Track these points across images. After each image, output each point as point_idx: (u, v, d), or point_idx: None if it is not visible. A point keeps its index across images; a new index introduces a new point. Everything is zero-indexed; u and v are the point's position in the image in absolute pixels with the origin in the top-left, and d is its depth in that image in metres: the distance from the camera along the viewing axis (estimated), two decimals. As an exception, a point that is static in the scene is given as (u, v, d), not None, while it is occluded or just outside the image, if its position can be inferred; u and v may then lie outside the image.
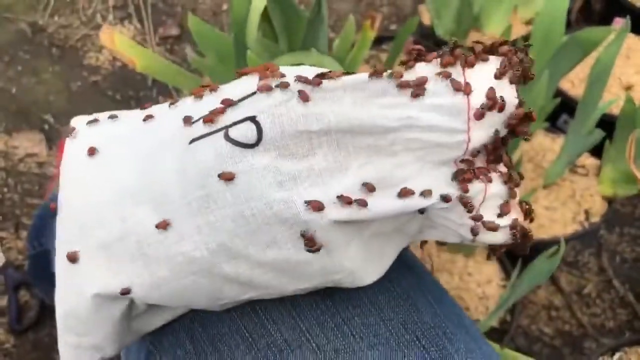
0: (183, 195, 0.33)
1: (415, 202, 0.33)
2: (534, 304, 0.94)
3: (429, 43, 1.06)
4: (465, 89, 0.33)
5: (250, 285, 0.34)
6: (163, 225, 0.33)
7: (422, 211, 0.34)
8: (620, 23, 1.03)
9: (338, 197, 0.32)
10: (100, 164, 0.36)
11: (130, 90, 1.22)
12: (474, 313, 0.75)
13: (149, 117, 0.37)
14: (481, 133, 0.33)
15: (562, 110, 0.96)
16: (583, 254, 1.00)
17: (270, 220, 0.32)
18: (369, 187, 0.33)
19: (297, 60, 0.68)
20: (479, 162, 0.35)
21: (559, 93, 0.97)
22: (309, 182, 0.32)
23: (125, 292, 0.34)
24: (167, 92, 1.22)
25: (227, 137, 0.33)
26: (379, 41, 1.10)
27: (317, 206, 0.32)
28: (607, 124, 0.83)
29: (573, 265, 0.99)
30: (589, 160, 0.89)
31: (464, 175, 0.33)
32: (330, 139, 0.33)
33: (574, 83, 0.99)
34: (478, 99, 0.33)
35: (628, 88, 0.97)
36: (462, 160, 0.34)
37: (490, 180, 0.35)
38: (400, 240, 0.37)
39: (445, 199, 0.33)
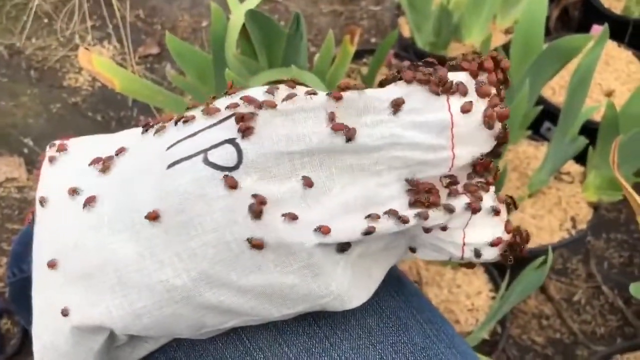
0: (162, 221, 0.32)
1: (390, 224, 0.32)
2: (524, 313, 0.94)
3: (410, 55, 1.06)
4: (448, 105, 0.32)
5: (234, 312, 0.33)
6: (140, 254, 0.32)
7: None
8: (598, 30, 1.04)
9: (316, 228, 0.31)
10: (78, 202, 0.35)
11: (111, 111, 1.21)
12: (464, 325, 0.74)
13: (121, 151, 0.36)
14: (466, 150, 0.33)
15: (545, 118, 0.97)
16: (571, 261, 1.00)
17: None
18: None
19: (277, 76, 0.68)
20: (464, 179, 0.34)
21: (540, 101, 0.97)
22: (292, 204, 0.31)
23: (105, 324, 0.32)
24: (148, 112, 1.21)
25: (206, 161, 0.32)
26: (359, 55, 1.10)
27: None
28: (590, 130, 0.83)
29: (562, 273, 0.98)
30: (573, 167, 0.89)
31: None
32: (312, 159, 0.32)
33: (556, 90, 1.00)
34: (462, 114, 0.32)
35: (609, 94, 0.98)
36: (447, 176, 0.34)
37: (479, 198, 0.34)
38: (388, 261, 0.36)
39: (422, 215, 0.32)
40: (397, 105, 0.32)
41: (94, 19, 1.37)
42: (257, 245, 0.31)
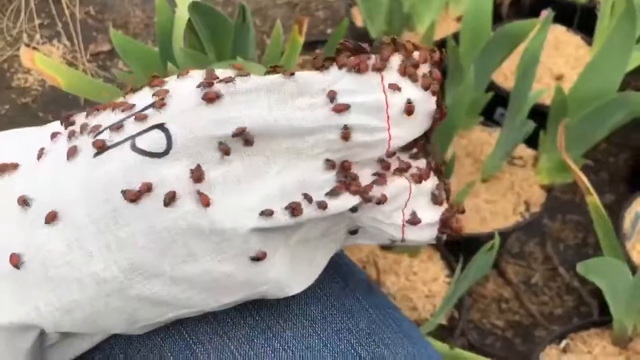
0: (89, 213, 0.31)
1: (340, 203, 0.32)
2: (484, 297, 0.95)
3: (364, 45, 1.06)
4: (383, 82, 0.32)
5: (169, 304, 0.32)
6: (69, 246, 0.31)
7: (353, 209, 0.33)
8: (546, 15, 1.06)
9: (261, 212, 0.31)
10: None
11: (63, 111, 1.18)
12: (422, 312, 0.74)
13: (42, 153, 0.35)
14: (402, 130, 0.33)
15: (497, 104, 0.98)
16: (528, 244, 1.01)
17: (185, 233, 0.30)
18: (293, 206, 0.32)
19: (225, 68, 0.67)
20: (398, 161, 0.34)
21: (492, 86, 0.98)
22: (225, 189, 0.31)
23: (34, 322, 0.31)
24: (101, 110, 1.18)
25: (134, 147, 0.31)
26: (313, 46, 1.10)
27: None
28: (541, 114, 0.84)
29: (519, 256, 1.00)
30: (525, 152, 0.90)
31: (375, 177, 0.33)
32: (245, 143, 0.31)
33: (507, 76, 1.01)
34: (397, 95, 0.32)
35: (558, 78, 0.99)
36: (381, 160, 0.34)
37: (418, 179, 0.34)
38: (329, 246, 0.36)
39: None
40: (332, 97, 0.32)
41: (42, 17, 1.34)
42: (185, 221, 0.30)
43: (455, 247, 0.78)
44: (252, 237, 0.31)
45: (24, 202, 0.32)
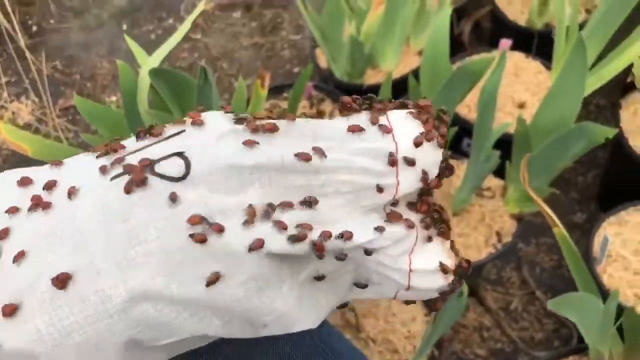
0: (104, 231, 0.31)
1: (334, 243, 0.33)
2: (465, 327, 0.96)
3: (329, 86, 1.08)
4: (394, 131, 0.34)
5: (173, 327, 0.31)
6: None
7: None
8: (506, 45, 1.08)
9: (275, 222, 0.32)
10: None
11: (35, 168, 1.18)
12: (403, 353, 0.75)
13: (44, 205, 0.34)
14: (410, 177, 0.34)
15: (464, 134, 0.99)
16: (505, 269, 1.03)
17: (198, 254, 0.30)
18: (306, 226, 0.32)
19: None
20: (404, 208, 0.35)
21: (456, 119, 1.00)
22: (239, 217, 0.31)
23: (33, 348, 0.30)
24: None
25: (152, 172, 0.31)
26: (279, 89, 1.11)
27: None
28: (507, 143, 0.86)
29: (497, 283, 1.01)
30: (493, 182, 0.92)
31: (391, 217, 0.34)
32: (262, 176, 0.32)
33: (471, 108, 1.03)
34: (405, 143, 0.34)
35: (521, 106, 1.01)
36: (388, 206, 0.34)
37: (425, 227, 0.35)
38: (334, 292, 0.36)
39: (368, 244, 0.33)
40: (353, 131, 0.34)
41: (9, 74, 1.34)
42: (200, 240, 0.30)
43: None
44: (264, 263, 0.31)
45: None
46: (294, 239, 0.32)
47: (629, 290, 0.79)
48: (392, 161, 0.33)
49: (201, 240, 0.30)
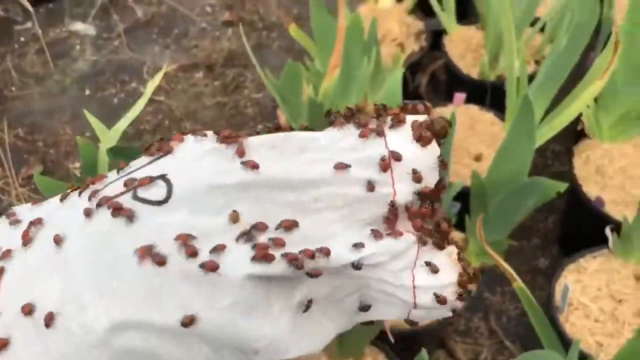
0: (89, 262, 0.31)
1: (337, 256, 0.31)
2: (437, 381, 0.96)
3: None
4: (386, 139, 0.33)
5: (157, 356, 0.31)
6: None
7: (357, 266, 0.32)
8: (460, 99, 1.12)
9: (253, 246, 0.30)
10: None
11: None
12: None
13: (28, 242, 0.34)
14: (407, 186, 0.33)
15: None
16: (473, 320, 1.03)
17: (178, 280, 0.30)
18: (279, 242, 0.31)
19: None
20: (406, 220, 0.33)
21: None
22: (224, 239, 0.31)
23: None
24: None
25: (135, 197, 0.31)
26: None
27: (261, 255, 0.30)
28: (467, 195, 0.87)
29: (465, 334, 1.02)
30: (455, 235, 0.94)
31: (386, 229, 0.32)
32: (248, 195, 0.31)
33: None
34: (399, 150, 0.33)
35: (477, 159, 1.04)
36: (387, 218, 0.33)
37: (418, 237, 0.33)
38: (339, 316, 0.34)
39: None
40: (334, 153, 0.32)
41: (-30, 144, 1.33)
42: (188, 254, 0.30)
43: (400, 344, 0.79)
44: (247, 285, 0.30)
45: None
46: (256, 259, 0.30)
47: (591, 337, 0.81)
48: (385, 166, 0.32)
49: (190, 254, 0.29)
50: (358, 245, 0.32)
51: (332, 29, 0.97)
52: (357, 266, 0.32)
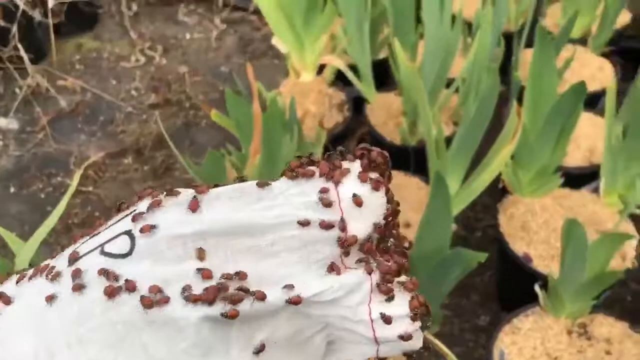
0: (58, 315, 0.32)
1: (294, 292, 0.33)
2: None
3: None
4: (335, 182, 0.34)
5: None
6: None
7: (292, 302, 0.32)
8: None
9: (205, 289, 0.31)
10: None
11: None
12: None
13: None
14: (359, 225, 0.33)
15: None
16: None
17: (139, 326, 0.31)
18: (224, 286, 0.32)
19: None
20: (358, 254, 0.34)
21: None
22: (182, 284, 0.32)
23: None
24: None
25: (102, 252, 0.32)
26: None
27: (193, 299, 0.31)
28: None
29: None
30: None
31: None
32: (206, 243, 0.32)
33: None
34: (347, 191, 0.34)
35: (407, 226, 1.06)
36: (341, 255, 0.34)
37: (371, 271, 0.34)
38: (306, 357, 0.34)
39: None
40: (288, 197, 0.33)
41: None
42: (146, 304, 0.31)
43: None
44: (204, 327, 0.31)
45: None
46: (188, 299, 0.31)
47: (532, 400, 0.81)
48: (337, 207, 0.33)
49: (147, 306, 0.31)
50: (289, 287, 0.33)
51: (249, 113, 0.98)
52: (292, 301, 0.33)
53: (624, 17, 1.52)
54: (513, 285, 1.09)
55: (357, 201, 0.34)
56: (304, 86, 1.34)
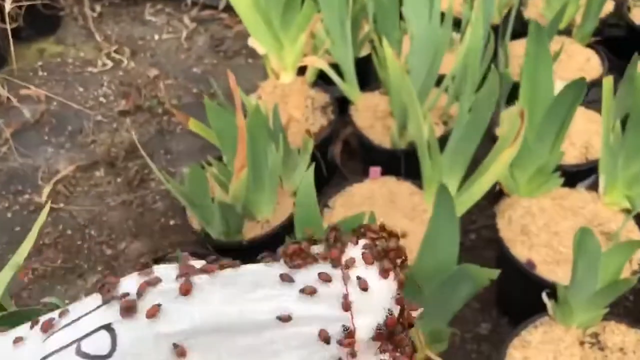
0: None
1: None
2: None
3: (209, 250, 1.02)
4: (344, 273, 0.31)
5: None
6: None
7: None
8: (376, 174, 1.09)
9: None
10: None
11: None
12: None
13: None
14: (367, 317, 0.31)
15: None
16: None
17: None
18: None
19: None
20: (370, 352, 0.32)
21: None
22: None
23: None
24: None
25: (79, 352, 0.29)
26: (160, 261, 1.04)
27: None
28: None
29: None
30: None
31: None
32: (197, 342, 0.29)
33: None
34: (353, 278, 0.32)
35: (403, 236, 1.00)
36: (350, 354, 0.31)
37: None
38: None
39: None
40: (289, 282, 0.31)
41: None
42: None
43: None
44: None
45: None
46: None
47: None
48: (346, 305, 0.31)
49: None
50: None
51: (232, 123, 0.91)
52: None
53: (608, 6, 1.49)
54: (515, 292, 1.05)
55: (369, 295, 0.32)
56: (284, 88, 1.28)
